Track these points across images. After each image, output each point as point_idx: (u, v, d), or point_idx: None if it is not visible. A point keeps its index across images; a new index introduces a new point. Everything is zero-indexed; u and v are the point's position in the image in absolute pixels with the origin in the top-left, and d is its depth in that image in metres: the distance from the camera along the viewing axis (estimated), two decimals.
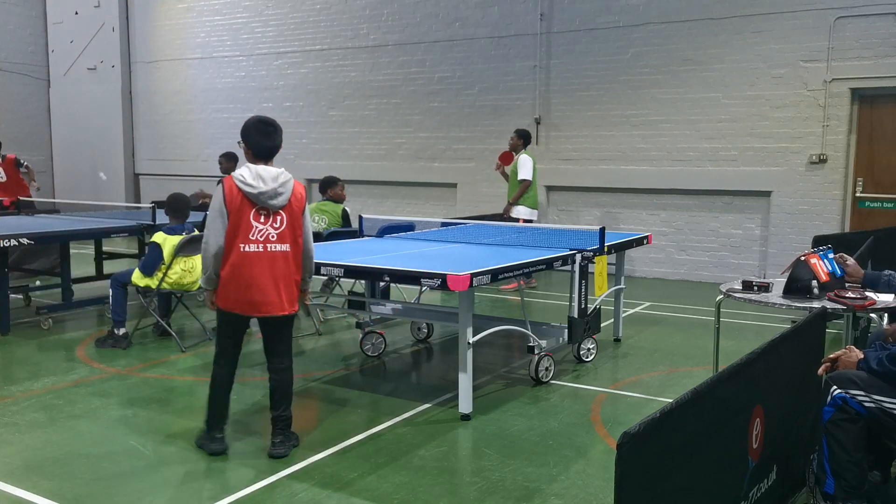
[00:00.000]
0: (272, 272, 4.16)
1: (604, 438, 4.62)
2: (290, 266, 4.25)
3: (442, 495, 3.82)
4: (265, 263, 4.14)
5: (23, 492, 3.84)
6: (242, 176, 4.11)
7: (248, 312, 4.21)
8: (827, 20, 9.45)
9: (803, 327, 3.58)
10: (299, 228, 4.27)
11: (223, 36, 14.69)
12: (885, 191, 9.53)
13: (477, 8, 11.93)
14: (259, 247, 4.13)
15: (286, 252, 4.21)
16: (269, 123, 4.27)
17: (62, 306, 7.92)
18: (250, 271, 4.12)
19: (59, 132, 16.72)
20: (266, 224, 4.14)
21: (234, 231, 4.10)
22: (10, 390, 5.49)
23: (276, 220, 4.17)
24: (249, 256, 4.12)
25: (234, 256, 4.11)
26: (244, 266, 4.11)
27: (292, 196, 4.21)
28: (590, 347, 6.30)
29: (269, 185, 4.11)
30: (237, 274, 4.12)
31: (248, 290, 4.14)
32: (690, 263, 10.65)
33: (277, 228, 4.17)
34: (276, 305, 4.20)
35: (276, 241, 4.17)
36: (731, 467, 2.89)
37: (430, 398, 5.32)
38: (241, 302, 4.17)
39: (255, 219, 4.12)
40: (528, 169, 9.45)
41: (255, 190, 4.08)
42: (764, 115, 9.93)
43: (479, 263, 4.96)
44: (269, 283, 4.16)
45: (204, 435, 4.42)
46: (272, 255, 4.16)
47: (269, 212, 4.15)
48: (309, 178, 13.85)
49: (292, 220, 4.22)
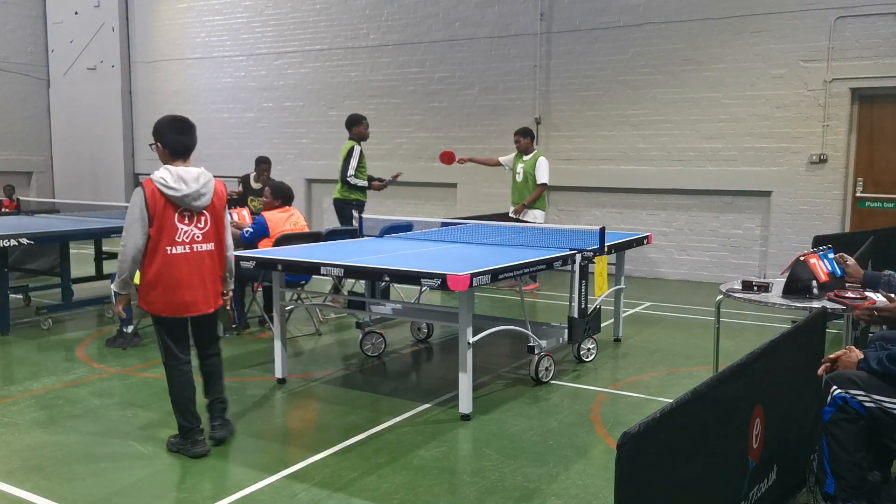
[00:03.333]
0: (200, 272, 4.22)
1: (604, 438, 4.62)
2: (215, 264, 4.32)
3: (442, 495, 3.82)
4: (193, 264, 4.19)
5: (23, 492, 3.84)
6: (163, 179, 4.08)
7: (179, 314, 4.22)
8: (827, 20, 9.45)
9: (803, 327, 3.58)
10: (222, 227, 4.35)
11: (223, 36, 14.69)
12: (885, 191, 9.53)
13: (477, 8, 11.93)
14: (186, 248, 4.16)
15: (212, 251, 4.29)
16: (182, 121, 4.33)
17: (62, 306, 7.92)
18: (179, 273, 4.14)
19: (59, 132, 16.71)
20: (191, 225, 4.18)
21: (158, 235, 4.09)
22: (9, 390, 5.49)
23: (200, 220, 4.21)
24: (177, 258, 4.14)
25: (161, 259, 4.11)
26: (172, 268, 4.13)
27: (214, 196, 4.26)
28: (590, 347, 6.30)
29: (191, 186, 4.12)
30: (166, 276, 4.13)
31: (177, 291, 4.16)
32: (690, 263, 10.65)
33: (202, 229, 4.22)
34: (205, 304, 4.28)
35: (201, 241, 4.23)
36: (731, 467, 2.89)
37: (430, 398, 5.32)
38: (172, 304, 4.18)
39: (179, 221, 4.13)
40: (547, 172, 9.35)
41: (178, 193, 4.08)
42: (764, 115, 9.93)
43: (479, 263, 4.95)
44: (198, 283, 4.22)
45: (180, 440, 4.32)
46: (199, 255, 4.22)
47: (192, 213, 4.18)
48: (309, 178, 13.88)
49: (216, 219, 4.28)
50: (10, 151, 16.00)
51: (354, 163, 8.75)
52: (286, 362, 5.69)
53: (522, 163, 9.44)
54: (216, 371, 4.49)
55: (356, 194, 8.87)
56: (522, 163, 9.44)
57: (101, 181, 16.12)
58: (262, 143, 14.10)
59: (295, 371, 5.96)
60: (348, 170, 8.73)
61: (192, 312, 4.24)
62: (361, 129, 8.97)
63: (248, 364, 6.22)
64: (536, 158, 9.36)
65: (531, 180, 9.34)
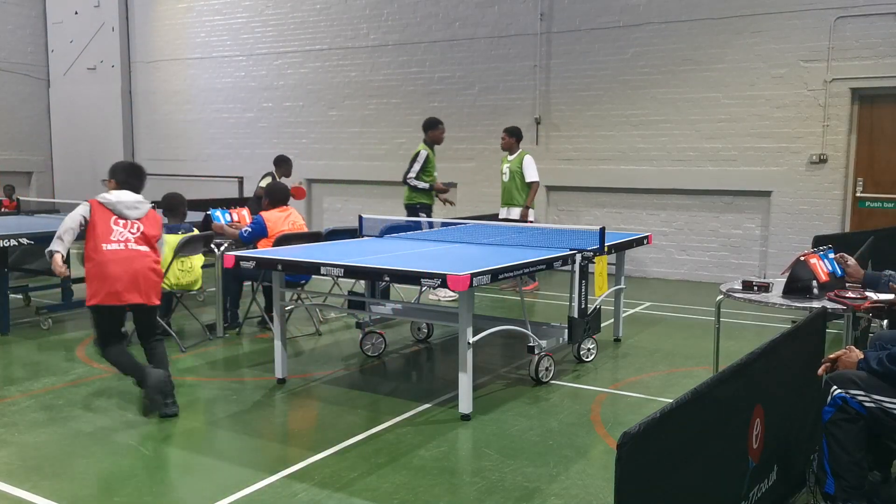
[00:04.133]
0: (132, 266, 4.88)
1: (604, 438, 4.62)
2: (148, 263, 4.97)
3: (442, 495, 3.82)
4: (125, 259, 4.87)
5: (23, 492, 3.84)
6: (105, 195, 5.01)
7: (114, 302, 4.87)
8: (827, 20, 9.45)
9: (803, 327, 3.58)
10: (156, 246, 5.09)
11: (223, 36, 14.69)
12: (885, 191, 9.53)
13: (477, 8, 11.93)
14: (120, 245, 4.90)
15: (146, 251, 4.99)
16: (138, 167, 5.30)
17: (62, 306, 7.93)
18: (114, 266, 4.83)
19: (59, 132, 16.71)
20: (125, 229, 4.95)
21: (96, 234, 4.86)
22: (9, 390, 5.49)
23: (133, 226, 4.98)
24: (112, 253, 4.85)
25: (99, 255, 4.84)
26: (108, 263, 4.83)
27: (150, 218, 5.08)
28: (590, 347, 6.30)
29: (125, 199, 5.00)
30: (103, 269, 4.82)
31: (114, 282, 4.83)
32: (690, 263, 10.65)
33: (135, 234, 4.97)
34: (138, 296, 4.92)
35: (134, 242, 4.95)
36: (731, 467, 2.89)
37: (430, 398, 5.32)
38: (108, 294, 4.84)
39: (115, 224, 4.93)
40: (535, 169, 9.38)
41: (114, 198, 4.97)
42: (764, 115, 9.93)
43: (479, 263, 4.95)
44: (129, 276, 4.87)
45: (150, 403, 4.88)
46: (131, 252, 4.91)
47: (126, 220, 4.96)
48: (309, 178, 13.88)
49: (148, 236, 5.01)
50: (10, 151, 15.99)
51: (418, 167, 8.96)
52: (286, 362, 5.69)
53: (507, 162, 9.50)
54: (160, 354, 5.14)
55: (419, 197, 9.06)
56: (507, 162, 9.50)
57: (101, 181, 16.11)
58: (263, 144, 14.10)
59: (295, 371, 5.96)
60: (410, 171, 8.96)
61: (125, 301, 4.89)
62: (436, 134, 9.16)
63: (248, 364, 6.22)
64: (522, 157, 9.40)
65: (518, 178, 9.39)
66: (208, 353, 6.53)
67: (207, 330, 7.05)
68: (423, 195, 9.08)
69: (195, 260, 6.74)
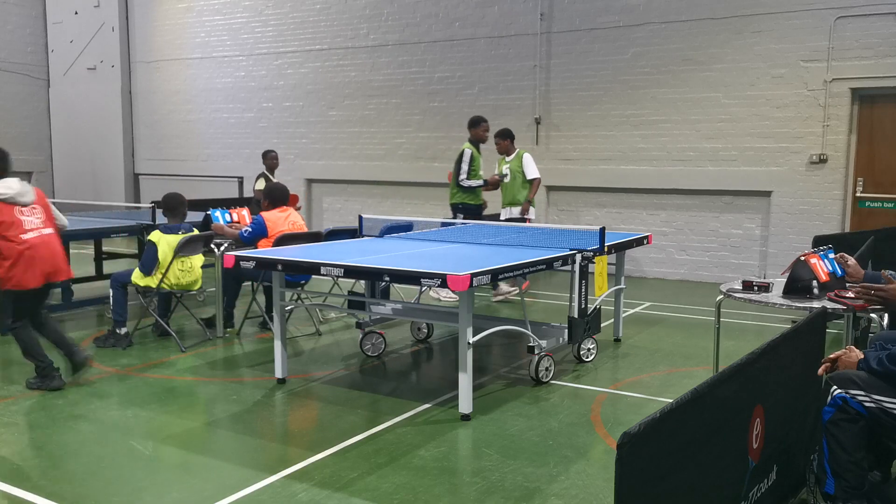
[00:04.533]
0: (51, 249, 5.44)
1: (604, 438, 4.62)
2: (58, 242, 5.58)
3: (442, 495, 3.82)
4: (43, 244, 5.39)
5: (23, 492, 3.84)
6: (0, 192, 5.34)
7: (42, 283, 5.39)
8: (827, 20, 9.45)
9: (803, 327, 3.58)
10: (51, 215, 5.61)
11: (223, 36, 14.69)
12: (885, 191, 9.53)
13: (477, 8, 11.93)
14: (35, 233, 5.38)
15: (53, 234, 5.54)
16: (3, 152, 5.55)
17: (62, 306, 7.92)
18: (38, 252, 5.33)
19: (59, 132, 16.72)
20: (31, 216, 5.40)
21: (11, 228, 5.26)
22: (9, 390, 5.49)
23: (34, 212, 5.44)
24: (32, 242, 5.33)
25: (20, 246, 5.28)
26: (31, 250, 5.30)
27: (40, 198, 5.56)
28: (590, 347, 6.30)
29: (16, 188, 5.35)
30: (28, 256, 5.29)
31: (42, 264, 5.35)
32: (690, 263, 10.65)
33: (40, 217, 5.46)
34: (64, 272, 5.58)
35: (42, 227, 5.44)
36: (731, 467, 2.89)
37: (430, 398, 5.32)
38: (37, 276, 5.34)
39: (20, 214, 5.34)
40: (535, 166, 9.37)
41: (11, 192, 5.33)
42: (764, 115, 9.93)
43: (479, 263, 4.95)
44: (52, 257, 5.43)
45: (38, 379, 5.46)
46: (45, 237, 5.44)
47: (26, 207, 5.38)
48: (309, 178, 13.89)
49: (45, 211, 5.53)
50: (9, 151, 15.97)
51: (466, 167, 8.94)
52: (286, 362, 5.69)
53: (507, 163, 9.48)
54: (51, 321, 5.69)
55: (464, 197, 9.05)
56: (507, 163, 9.48)
57: (101, 181, 16.12)
58: (262, 143, 14.09)
59: (295, 371, 5.96)
60: (460, 173, 8.97)
61: (53, 279, 5.49)
62: (479, 132, 9.16)
63: (248, 364, 6.22)
64: (521, 156, 9.37)
65: (520, 178, 9.36)
66: (208, 353, 6.53)
67: (205, 325, 7.05)
68: (469, 195, 9.04)
69: (195, 260, 6.74)
